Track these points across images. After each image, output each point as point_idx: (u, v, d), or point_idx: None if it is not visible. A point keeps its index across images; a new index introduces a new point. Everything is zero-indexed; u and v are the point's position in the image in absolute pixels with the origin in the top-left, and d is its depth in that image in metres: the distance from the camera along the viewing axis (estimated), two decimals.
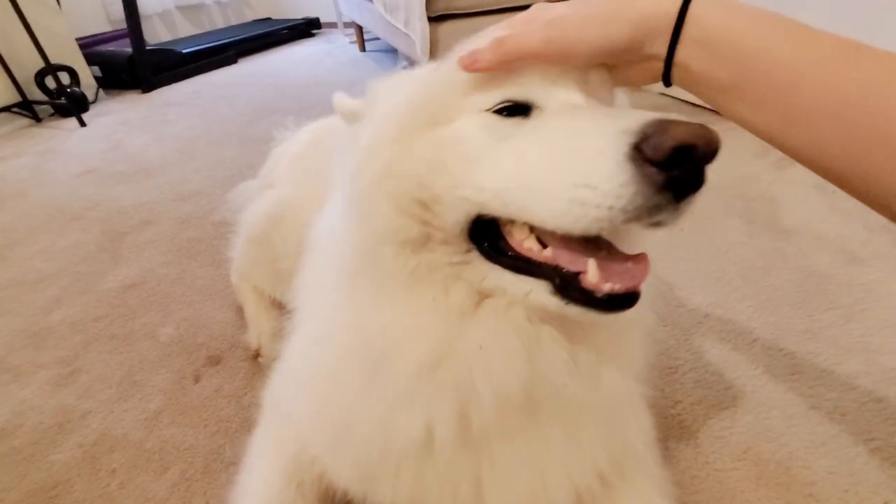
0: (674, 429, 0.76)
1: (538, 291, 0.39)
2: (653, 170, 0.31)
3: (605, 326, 0.45)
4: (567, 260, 0.38)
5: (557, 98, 0.40)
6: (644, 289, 0.37)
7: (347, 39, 3.82)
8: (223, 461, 0.79)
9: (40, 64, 2.49)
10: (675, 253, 1.15)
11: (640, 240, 0.45)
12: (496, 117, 0.40)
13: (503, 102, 0.40)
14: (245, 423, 0.85)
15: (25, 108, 2.67)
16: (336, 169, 0.59)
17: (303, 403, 0.63)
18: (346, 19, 3.62)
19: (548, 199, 0.35)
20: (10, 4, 2.26)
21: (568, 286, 0.38)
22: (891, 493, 0.65)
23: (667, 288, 1.03)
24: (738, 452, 0.72)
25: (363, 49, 3.46)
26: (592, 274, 0.36)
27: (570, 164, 0.34)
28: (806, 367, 0.85)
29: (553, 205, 0.34)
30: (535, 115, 0.40)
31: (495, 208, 0.38)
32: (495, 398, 0.43)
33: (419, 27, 1.81)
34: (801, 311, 0.96)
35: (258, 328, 0.99)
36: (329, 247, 0.59)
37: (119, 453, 0.83)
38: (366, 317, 0.46)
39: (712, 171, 0.32)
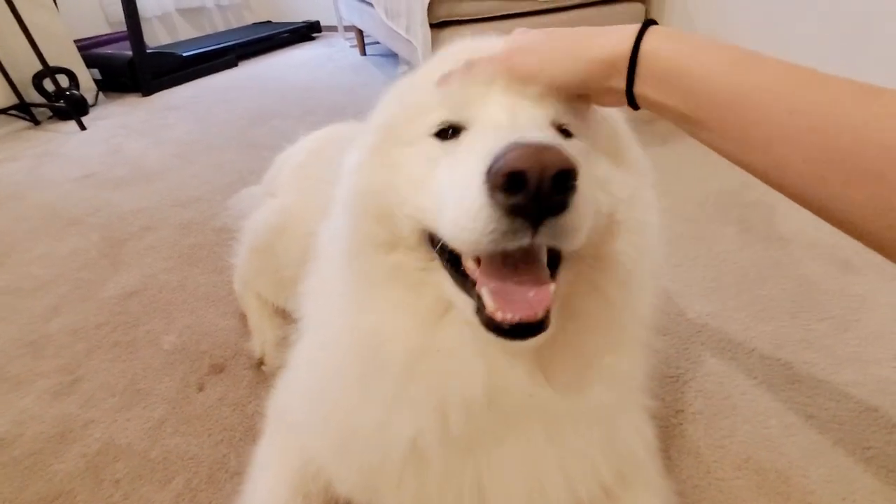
0: (675, 438, 0.77)
1: (467, 309, 0.41)
2: (500, 195, 0.31)
3: (586, 340, 0.46)
4: (482, 282, 0.39)
5: (482, 119, 0.42)
6: (552, 320, 0.37)
7: (348, 43, 3.83)
8: (228, 471, 0.80)
9: (38, 66, 2.49)
10: (672, 260, 1.16)
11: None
12: (434, 141, 0.44)
13: (441, 124, 0.43)
14: (249, 432, 0.85)
15: (23, 110, 2.66)
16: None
17: (308, 412, 0.64)
18: (347, 23, 3.62)
19: (446, 219, 0.37)
20: (5, 5, 2.25)
21: (481, 310, 0.38)
22: (886, 500, 0.66)
23: (666, 296, 1.05)
24: (739, 461, 0.73)
25: (364, 53, 3.46)
26: (487, 301, 0.37)
27: (456, 188, 0.36)
28: (803, 376, 0.86)
29: (447, 225, 0.37)
30: (462, 136, 0.43)
31: (431, 226, 0.41)
32: (462, 403, 0.45)
33: (420, 33, 1.82)
34: (797, 320, 0.97)
35: (262, 336, 0.99)
36: (333, 254, 0.60)
37: (123, 463, 0.83)
38: (358, 319, 0.49)
39: (712, 177, 0.34)
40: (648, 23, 0.36)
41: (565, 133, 0.42)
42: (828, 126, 0.28)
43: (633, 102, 0.38)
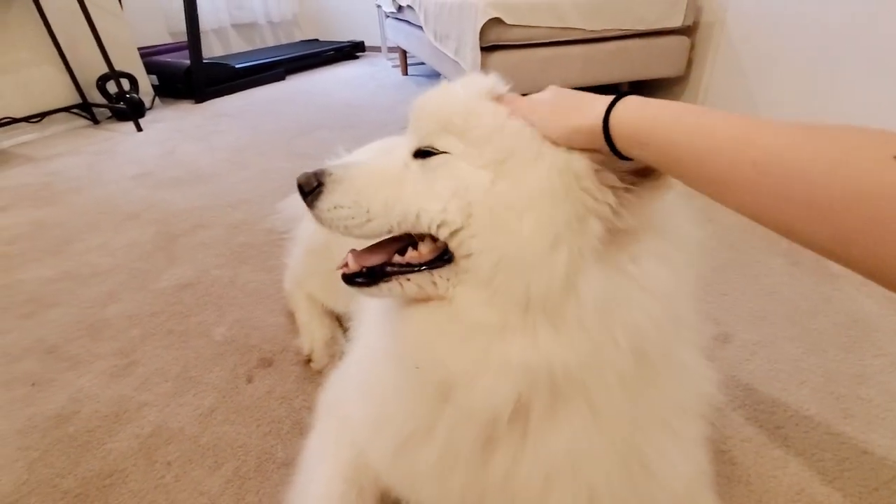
0: (724, 465, 0.76)
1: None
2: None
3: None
4: None
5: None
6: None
7: (390, 63, 3.95)
8: (275, 462, 0.82)
9: (103, 69, 2.64)
10: (719, 288, 1.15)
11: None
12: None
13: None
14: (296, 425, 0.88)
15: (84, 109, 2.82)
16: None
17: (361, 408, 0.66)
18: (392, 44, 3.75)
19: None
20: (80, 11, 2.42)
21: None
22: None
23: (713, 323, 1.04)
24: (792, 494, 0.71)
25: (405, 73, 3.57)
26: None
27: None
28: (857, 411, 0.84)
29: None
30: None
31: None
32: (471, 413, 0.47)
33: (470, 56, 1.88)
34: (851, 355, 0.95)
35: (311, 335, 1.02)
36: None
37: (174, 446, 0.86)
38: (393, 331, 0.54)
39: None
40: (623, 94, 0.41)
41: (427, 154, 0.49)
42: (786, 170, 0.30)
43: (625, 158, 0.42)
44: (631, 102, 0.40)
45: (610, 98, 0.42)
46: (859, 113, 1.57)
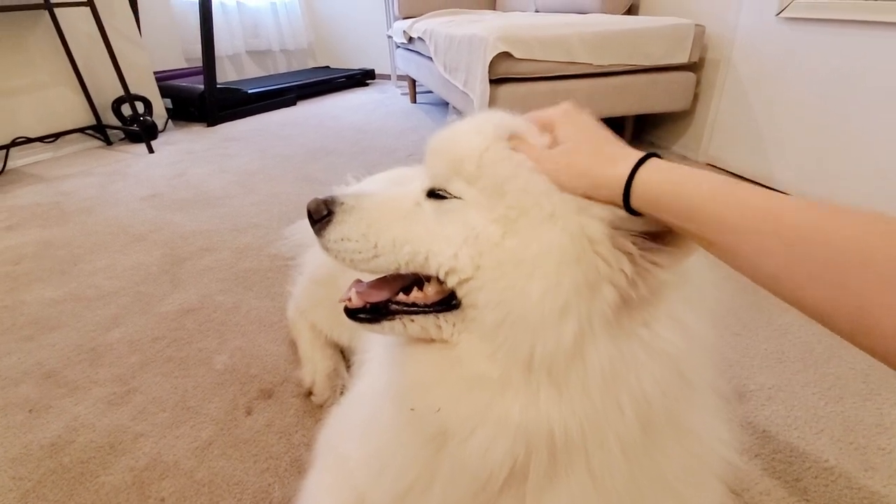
0: None
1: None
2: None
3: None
4: None
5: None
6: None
7: (399, 91, 4.02)
8: (271, 502, 0.79)
9: (119, 92, 2.70)
10: (732, 328, 1.13)
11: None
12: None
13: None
14: (294, 463, 0.85)
15: (98, 131, 2.87)
16: None
17: (361, 449, 0.63)
18: (401, 73, 3.83)
19: None
20: (99, 35, 2.48)
21: None
22: None
23: (726, 364, 1.01)
24: None
25: (414, 101, 3.63)
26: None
27: None
28: (878, 463, 0.81)
29: None
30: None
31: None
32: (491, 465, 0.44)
33: (479, 88, 1.91)
34: (870, 403, 0.92)
35: (313, 366, 1.00)
36: None
37: (169, 481, 0.83)
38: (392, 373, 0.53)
39: None
40: (649, 155, 0.40)
41: (440, 196, 0.48)
42: (804, 242, 0.31)
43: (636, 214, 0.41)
44: (656, 165, 0.39)
45: (633, 156, 0.40)
46: (866, 151, 1.57)
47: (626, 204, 0.39)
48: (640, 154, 0.40)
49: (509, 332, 0.41)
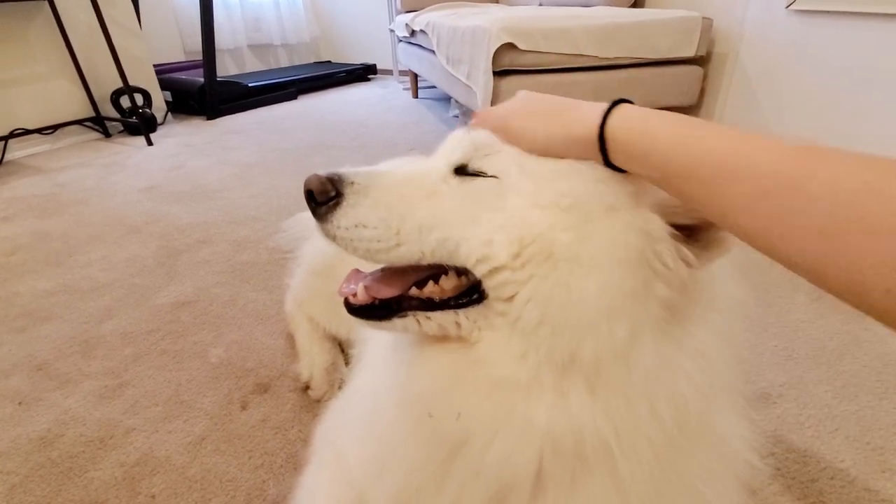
0: None
1: None
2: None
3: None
4: None
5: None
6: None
7: (401, 86, 3.99)
8: (266, 499, 0.76)
9: (118, 84, 2.67)
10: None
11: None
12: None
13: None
14: (290, 459, 0.82)
15: (97, 122, 2.84)
16: None
17: (361, 447, 0.61)
18: (403, 67, 3.79)
19: None
20: (98, 27, 2.45)
21: None
22: None
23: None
24: None
25: (416, 95, 3.59)
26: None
27: None
28: (895, 465, 0.78)
29: None
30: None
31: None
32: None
33: (482, 81, 1.88)
34: (886, 402, 0.89)
35: (310, 360, 0.97)
36: None
37: (160, 477, 0.81)
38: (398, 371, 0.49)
39: None
40: (617, 102, 0.38)
41: (468, 173, 0.44)
42: (774, 187, 0.29)
43: (621, 171, 0.39)
44: (628, 112, 0.37)
45: (599, 105, 0.38)
46: (877, 146, 1.53)
47: (605, 158, 0.37)
48: (602, 106, 0.38)
49: (550, 330, 0.38)
